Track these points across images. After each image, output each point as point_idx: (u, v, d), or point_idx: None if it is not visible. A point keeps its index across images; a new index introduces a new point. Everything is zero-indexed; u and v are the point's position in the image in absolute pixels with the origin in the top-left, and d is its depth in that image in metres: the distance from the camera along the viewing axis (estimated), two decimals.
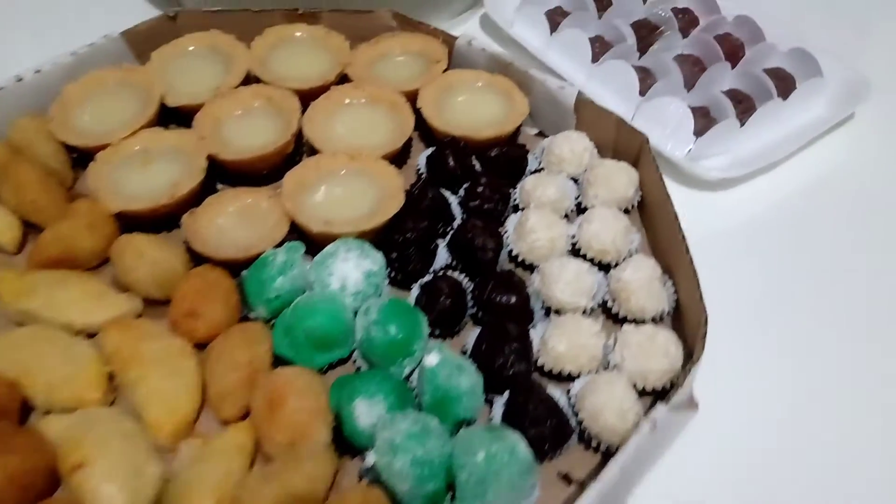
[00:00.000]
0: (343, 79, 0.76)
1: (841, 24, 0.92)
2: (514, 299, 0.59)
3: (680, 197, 0.65)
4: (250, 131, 0.71)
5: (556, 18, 0.85)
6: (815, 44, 0.80)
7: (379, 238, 0.63)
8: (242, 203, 0.66)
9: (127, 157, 0.67)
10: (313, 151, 0.70)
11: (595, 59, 0.80)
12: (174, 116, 0.73)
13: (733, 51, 0.81)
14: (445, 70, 0.76)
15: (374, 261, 0.60)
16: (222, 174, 0.70)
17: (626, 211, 0.68)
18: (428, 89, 0.74)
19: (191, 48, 0.77)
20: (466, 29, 0.91)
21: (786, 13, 0.87)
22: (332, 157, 0.68)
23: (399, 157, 0.72)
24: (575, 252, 0.64)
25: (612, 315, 0.61)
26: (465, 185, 0.68)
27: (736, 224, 0.71)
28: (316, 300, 0.58)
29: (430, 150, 0.71)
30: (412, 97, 0.73)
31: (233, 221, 0.65)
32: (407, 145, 0.72)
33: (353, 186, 0.67)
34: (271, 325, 0.59)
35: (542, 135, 0.76)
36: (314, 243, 0.62)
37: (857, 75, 0.79)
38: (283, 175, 0.66)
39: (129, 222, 0.64)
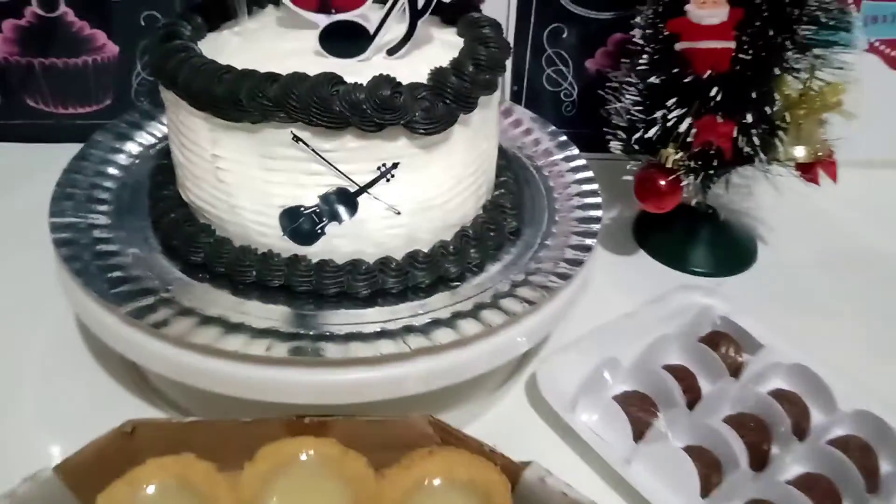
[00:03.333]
0: None
1: None
2: None
3: None
4: None
5: (633, 412, 0.66)
6: None
7: None
8: None
9: None
10: None
11: (705, 491, 0.60)
12: None
13: (870, 473, 0.62)
14: None
15: None
16: None
17: None
18: None
19: (150, 488, 0.55)
20: (508, 404, 0.72)
21: None
22: None
23: None
24: None
25: None
26: None
27: None
28: None
29: None
30: None
31: None
32: None
33: None
34: None
35: None
36: None
37: None
38: None
39: None
